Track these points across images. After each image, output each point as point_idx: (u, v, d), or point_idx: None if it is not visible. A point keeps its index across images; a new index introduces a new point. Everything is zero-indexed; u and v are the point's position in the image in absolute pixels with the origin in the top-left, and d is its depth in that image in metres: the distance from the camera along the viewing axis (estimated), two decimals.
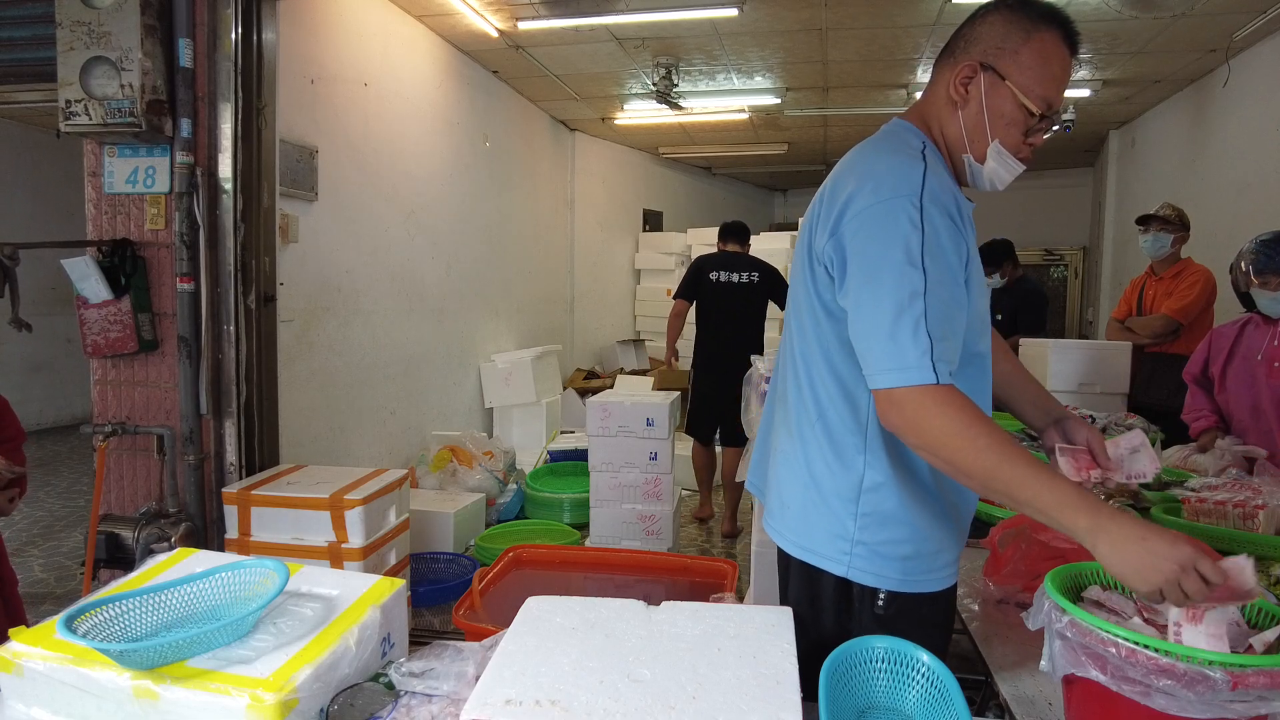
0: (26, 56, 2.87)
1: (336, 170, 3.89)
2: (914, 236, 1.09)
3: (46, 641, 1.00)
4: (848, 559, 1.23)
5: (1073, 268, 9.03)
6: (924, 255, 1.08)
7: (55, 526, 4.60)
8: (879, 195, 1.13)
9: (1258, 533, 1.73)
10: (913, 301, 1.07)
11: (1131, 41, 4.81)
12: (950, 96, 1.24)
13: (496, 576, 2.53)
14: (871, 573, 1.22)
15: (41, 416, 7.28)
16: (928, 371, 1.05)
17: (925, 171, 1.14)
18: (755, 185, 10.94)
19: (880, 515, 1.21)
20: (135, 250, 2.79)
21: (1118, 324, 3.89)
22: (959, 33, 1.27)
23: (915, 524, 1.21)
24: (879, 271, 1.10)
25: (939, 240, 1.10)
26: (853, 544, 1.23)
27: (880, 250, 1.10)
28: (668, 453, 3.77)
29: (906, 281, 1.07)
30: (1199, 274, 3.65)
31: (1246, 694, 0.85)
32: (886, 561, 1.22)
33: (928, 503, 1.22)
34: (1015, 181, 1.29)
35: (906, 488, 1.21)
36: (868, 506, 1.22)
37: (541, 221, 6.88)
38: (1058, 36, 1.20)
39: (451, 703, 1.01)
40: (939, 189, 1.13)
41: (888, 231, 1.10)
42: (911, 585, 1.22)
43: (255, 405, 2.90)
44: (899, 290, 1.08)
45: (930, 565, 1.23)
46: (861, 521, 1.22)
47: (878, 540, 1.22)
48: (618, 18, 4.45)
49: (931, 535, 1.22)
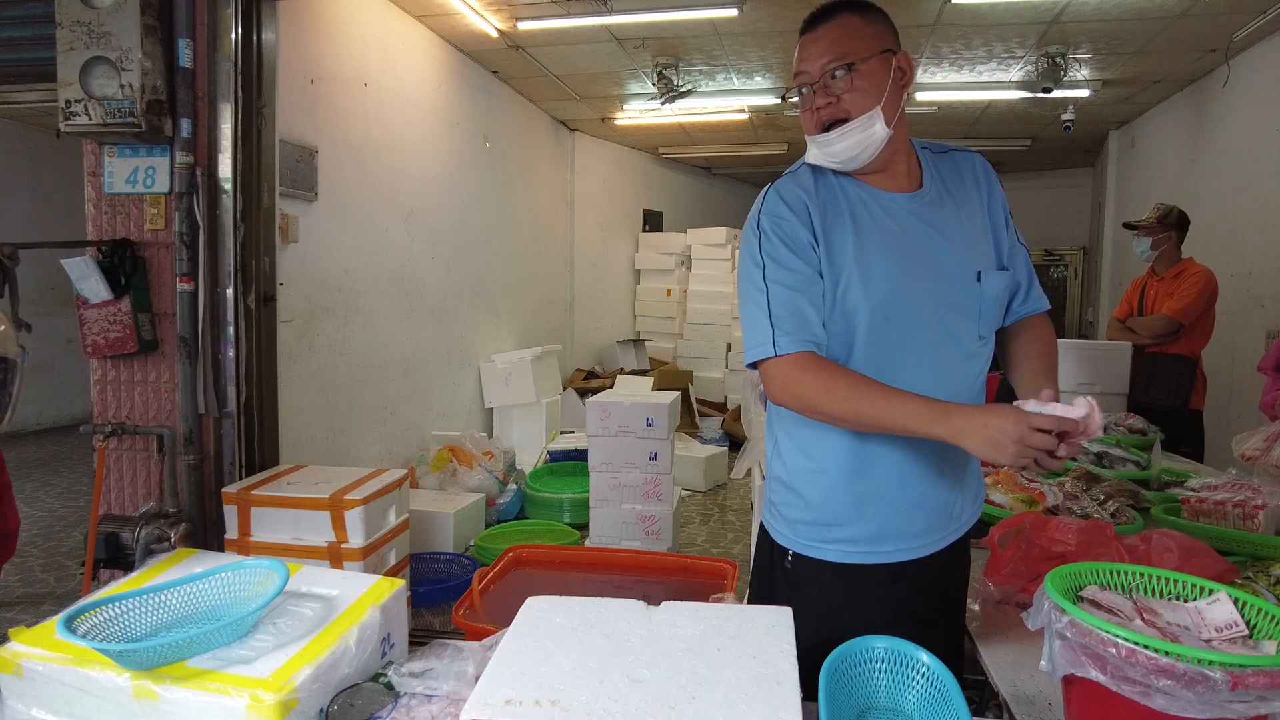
0: (26, 56, 2.87)
1: (336, 170, 3.89)
2: (754, 241, 1.34)
3: (46, 641, 1.00)
4: (768, 517, 1.48)
5: (1073, 268, 9.03)
6: (762, 254, 1.32)
7: (55, 526, 4.60)
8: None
9: (1258, 533, 1.73)
10: (755, 292, 1.31)
11: (1131, 41, 4.81)
12: None
13: (496, 576, 2.53)
14: (779, 532, 1.44)
15: (41, 416, 7.28)
16: (767, 347, 1.27)
17: (768, 192, 1.37)
18: (755, 185, 10.94)
19: (778, 480, 1.44)
20: (135, 250, 2.79)
21: (1119, 324, 3.90)
22: None
23: (799, 490, 1.39)
24: (740, 277, 1.37)
25: (769, 238, 1.31)
26: (767, 503, 1.48)
27: (741, 261, 1.38)
28: (668, 453, 3.77)
29: (751, 277, 1.32)
30: (1199, 274, 3.64)
31: (1246, 694, 0.85)
32: (785, 523, 1.42)
33: (808, 473, 1.38)
34: (1015, 181, 1.33)
35: (793, 457, 1.41)
36: (773, 471, 1.47)
37: (541, 222, 6.88)
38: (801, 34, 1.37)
39: (451, 703, 1.01)
40: (776, 199, 1.35)
41: (744, 247, 1.37)
42: (811, 550, 1.38)
43: (255, 405, 2.89)
44: (748, 285, 1.33)
45: (826, 536, 1.37)
46: (770, 484, 1.47)
47: (776, 501, 1.45)
48: (618, 18, 4.46)
49: (818, 505, 1.37)
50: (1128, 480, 2.26)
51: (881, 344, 1.31)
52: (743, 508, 5.09)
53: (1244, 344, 4.78)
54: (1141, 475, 2.37)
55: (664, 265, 8.25)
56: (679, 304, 8.20)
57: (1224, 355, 4.84)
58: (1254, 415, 4.72)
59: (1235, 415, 4.77)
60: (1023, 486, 2.14)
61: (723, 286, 7.91)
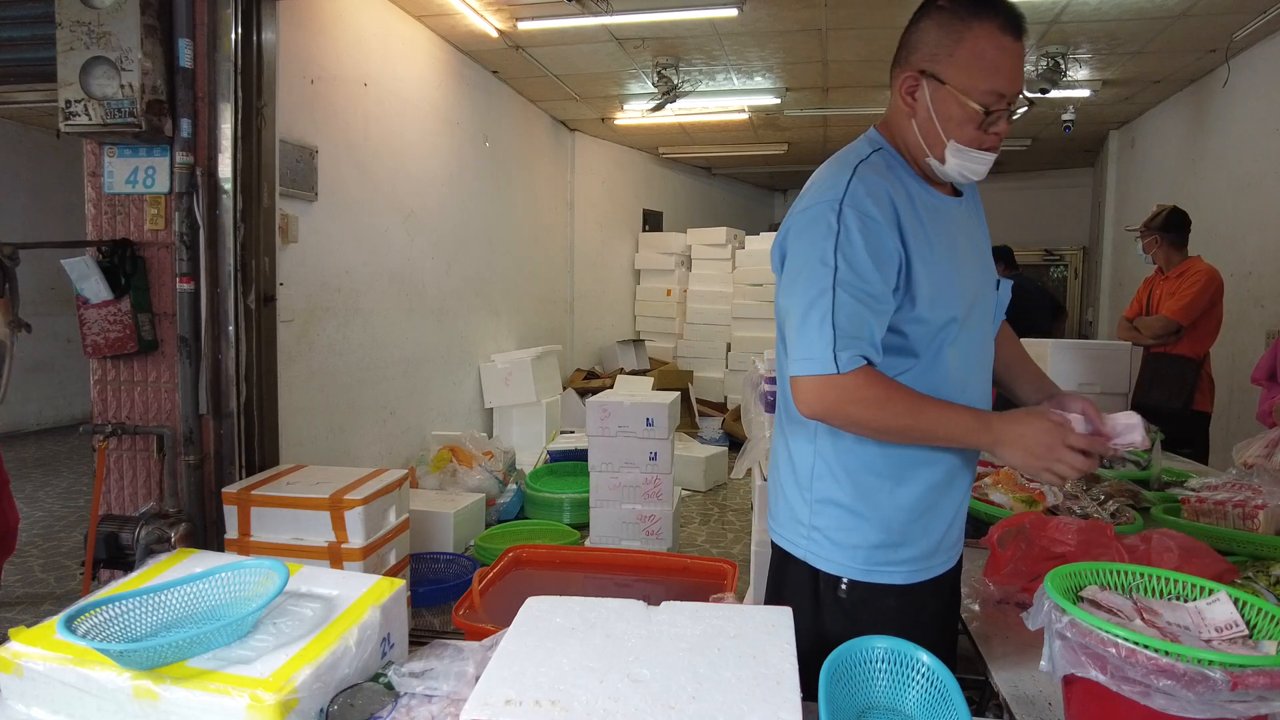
0: (26, 56, 2.87)
1: (336, 170, 3.89)
2: (828, 238, 1.18)
3: (46, 641, 1.00)
4: (806, 543, 1.32)
5: (1073, 268, 9.03)
6: (836, 254, 1.17)
7: (55, 526, 4.60)
8: (806, 202, 1.24)
9: (1258, 533, 1.73)
10: (819, 298, 1.16)
11: (1131, 41, 4.81)
12: (900, 106, 1.27)
13: (496, 576, 2.53)
14: (829, 560, 1.29)
15: (41, 416, 7.27)
16: (829, 363, 1.15)
17: (851, 178, 1.21)
18: (755, 185, 10.94)
19: (832, 502, 1.29)
20: (135, 250, 2.79)
21: (1127, 323, 3.89)
22: (901, 40, 1.28)
23: (867, 513, 1.27)
24: (797, 272, 1.21)
25: (851, 239, 1.17)
26: (809, 529, 1.31)
27: (801, 253, 1.21)
28: (668, 453, 3.77)
29: (816, 280, 1.17)
30: (1200, 274, 3.63)
31: (1246, 694, 0.84)
32: (841, 549, 1.28)
33: (878, 493, 1.27)
34: (1015, 181, 1.32)
35: (856, 477, 1.27)
36: (819, 494, 1.30)
37: (541, 222, 6.88)
38: (993, 27, 1.18)
39: (451, 703, 1.01)
40: (864, 193, 1.19)
41: (808, 236, 1.20)
42: (873, 575, 1.27)
43: (255, 405, 2.89)
44: (809, 289, 1.18)
45: (891, 558, 1.27)
46: (814, 508, 1.30)
47: (829, 526, 1.29)
48: (618, 18, 4.45)
49: (890, 526, 1.27)
50: (1128, 480, 2.27)
51: (962, 355, 1.27)
52: (743, 508, 5.09)
53: (1244, 344, 4.78)
54: (1141, 475, 2.37)
55: (664, 265, 8.25)
56: (679, 304, 8.20)
57: (1224, 356, 4.83)
58: (1254, 415, 4.72)
59: (1236, 415, 4.77)
60: (1023, 486, 2.14)
61: (723, 286, 7.91)
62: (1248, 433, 4.71)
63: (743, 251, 7.91)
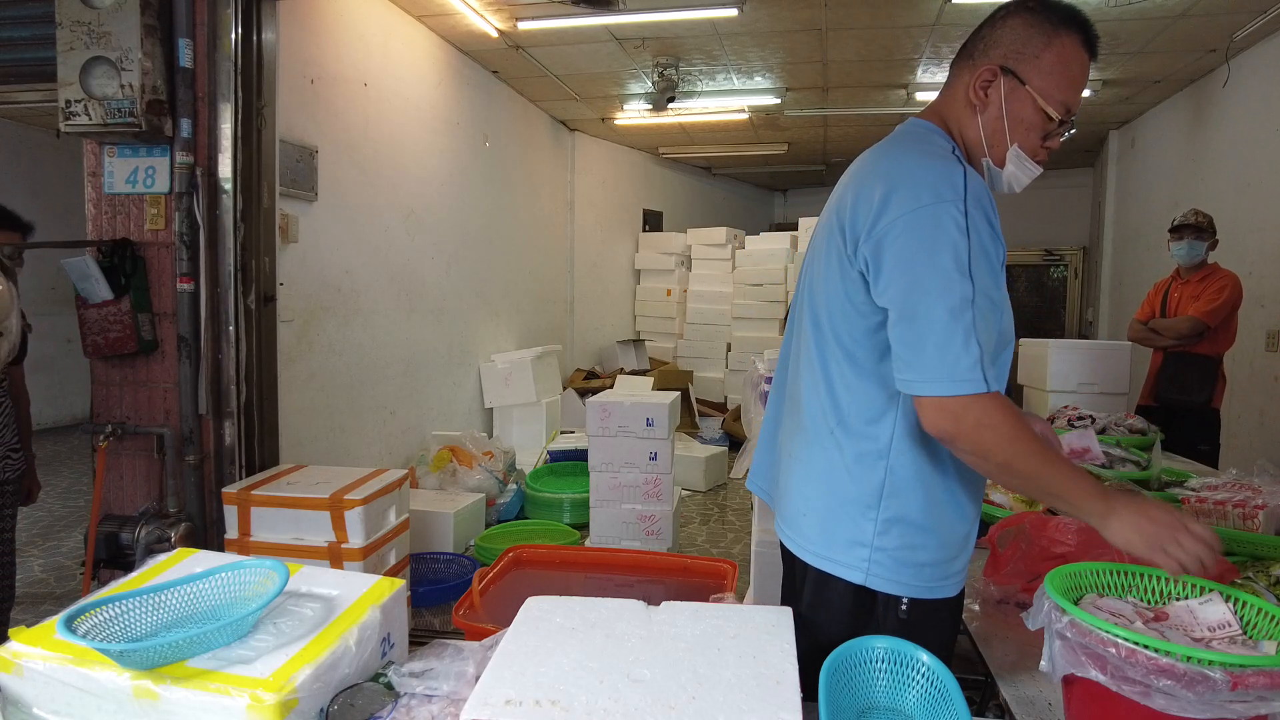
0: (26, 56, 2.87)
1: (336, 170, 3.89)
2: (961, 243, 1.08)
3: (46, 641, 1.00)
4: (866, 565, 1.22)
5: (1073, 268, 9.03)
6: (971, 262, 1.08)
7: (55, 526, 4.60)
8: (921, 199, 1.11)
9: (1258, 533, 1.73)
10: (963, 310, 1.07)
11: (1131, 41, 4.81)
12: (969, 99, 1.23)
13: (496, 576, 2.53)
14: (893, 580, 1.21)
15: (41, 416, 7.27)
16: (979, 381, 1.06)
17: (965, 174, 1.12)
18: (755, 185, 10.94)
19: (903, 521, 1.20)
20: (135, 250, 2.79)
21: (1141, 325, 3.90)
22: (978, 34, 1.25)
23: (937, 530, 1.21)
24: (927, 278, 1.09)
25: (984, 246, 1.09)
26: (872, 550, 1.21)
27: (928, 256, 1.09)
28: (668, 453, 3.77)
29: (956, 289, 1.07)
30: (1227, 279, 3.68)
31: (1246, 694, 0.85)
32: (906, 568, 1.21)
33: (949, 508, 1.22)
34: None
35: (931, 493, 1.20)
36: (889, 512, 1.20)
37: (541, 222, 6.88)
38: (1078, 40, 1.19)
39: (451, 703, 1.01)
40: (980, 192, 1.12)
41: (935, 237, 1.09)
42: (932, 591, 1.22)
43: (255, 405, 2.89)
44: (948, 298, 1.07)
45: (947, 571, 1.23)
46: (882, 527, 1.21)
47: (896, 546, 1.20)
48: (618, 18, 4.45)
49: (951, 541, 1.22)
50: (1128, 480, 2.26)
51: (1006, 374, 1.23)
52: (743, 508, 5.09)
53: (1244, 344, 4.77)
54: (1141, 475, 2.37)
55: (664, 265, 8.25)
56: (679, 304, 8.20)
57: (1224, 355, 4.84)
58: (1254, 415, 4.72)
59: (1236, 415, 4.77)
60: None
61: (723, 287, 7.91)
62: (1247, 432, 4.73)
63: (743, 251, 7.91)
